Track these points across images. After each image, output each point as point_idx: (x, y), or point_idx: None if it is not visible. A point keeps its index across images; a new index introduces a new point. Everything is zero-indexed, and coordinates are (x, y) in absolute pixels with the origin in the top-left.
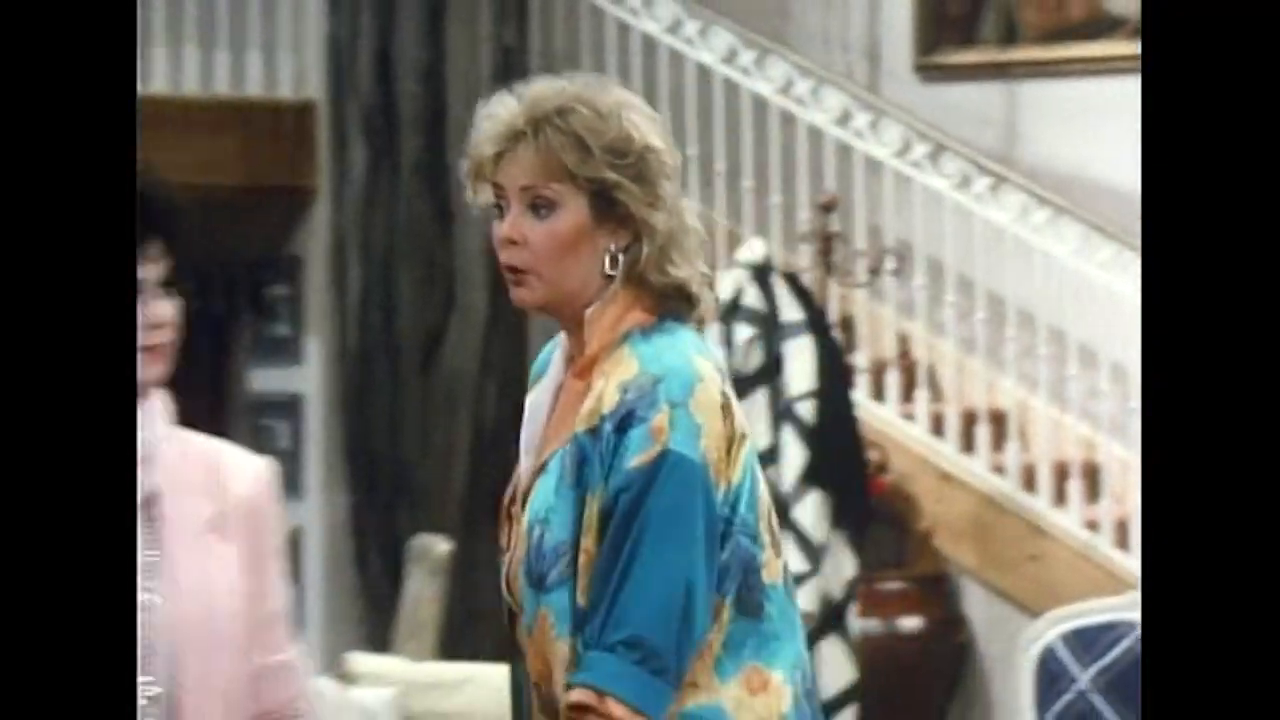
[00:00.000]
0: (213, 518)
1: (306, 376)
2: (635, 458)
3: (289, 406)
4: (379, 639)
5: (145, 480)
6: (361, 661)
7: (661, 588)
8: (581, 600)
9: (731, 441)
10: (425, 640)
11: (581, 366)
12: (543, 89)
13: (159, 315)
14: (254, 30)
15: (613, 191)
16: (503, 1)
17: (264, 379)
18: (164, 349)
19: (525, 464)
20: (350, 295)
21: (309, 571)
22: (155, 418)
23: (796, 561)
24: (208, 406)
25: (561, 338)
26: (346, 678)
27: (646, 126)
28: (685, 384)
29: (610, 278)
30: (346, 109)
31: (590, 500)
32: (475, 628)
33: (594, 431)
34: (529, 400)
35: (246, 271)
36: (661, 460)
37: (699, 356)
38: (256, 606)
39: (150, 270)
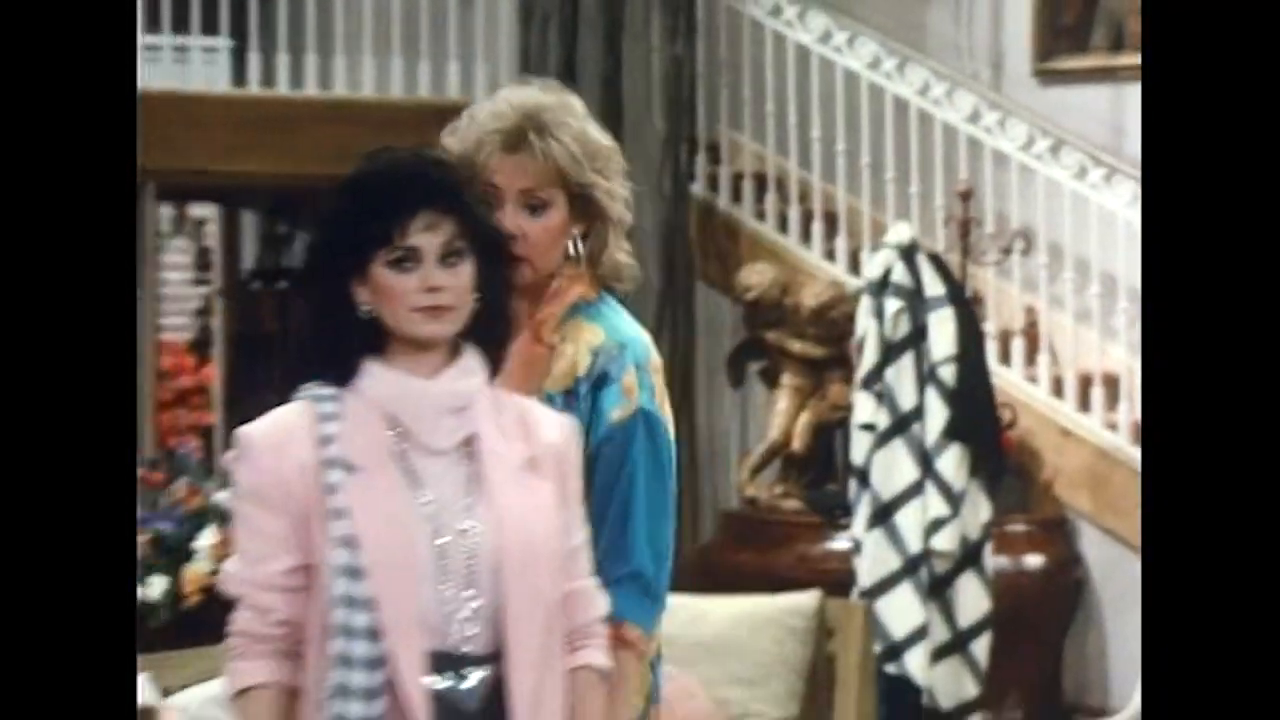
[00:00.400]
0: (528, 459)
1: None
2: (615, 412)
3: None
4: None
5: (463, 424)
6: None
7: (655, 526)
8: None
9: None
10: None
11: (534, 331)
12: (534, 101)
13: (438, 280)
14: (453, 43)
15: (591, 191)
16: (673, 17)
17: None
18: (445, 311)
19: None
20: None
21: None
22: (474, 371)
23: (939, 507)
24: None
25: None
26: None
27: (601, 130)
28: (643, 350)
29: (571, 258)
30: None
31: None
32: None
33: (570, 391)
34: None
35: None
36: (637, 416)
37: (640, 326)
38: (564, 539)
39: (428, 239)
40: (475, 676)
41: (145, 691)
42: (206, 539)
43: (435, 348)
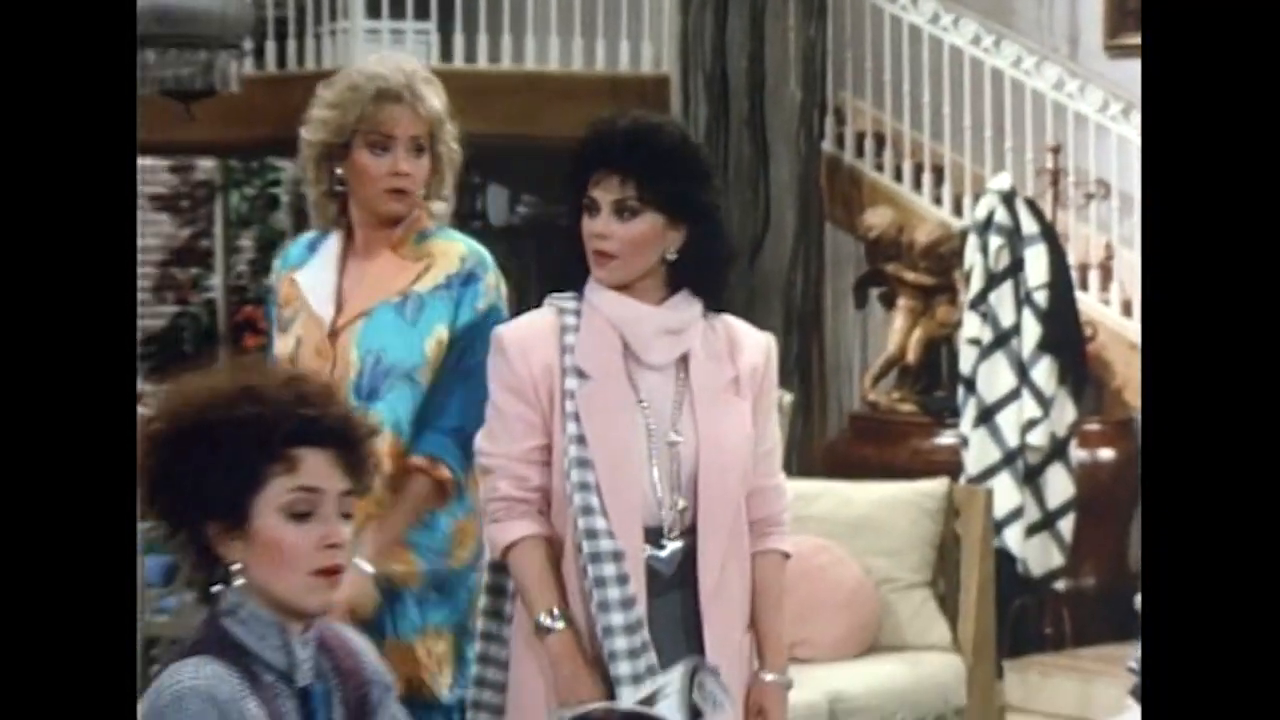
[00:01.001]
0: (731, 379)
1: None
2: (480, 303)
3: None
4: None
5: (678, 344)
6: None
7: (481, 395)
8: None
9: None
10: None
11: (395, 249)
12: (411, 65)
13: (606, 229)
14: (624, 24)
15: (445, 141)
16: (808, 3)
17: None
18: (609, 258)
19: (328, 314)
20: None
21: None
22: (691, 305)
23: (1033, 409)
24: None
25: (336, 236)
26: None
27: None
28: (491, 260)
29: (423, 195)
30: (692, 80)
31: (436, 331)
32: (797, 453)
33: (442, 287)
34: (305, 277)
35: None
36: (497, 307)
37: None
38: (755, 447)
39: (602, 194)
40: (670, 548)
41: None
42: None
43: (642, 282)
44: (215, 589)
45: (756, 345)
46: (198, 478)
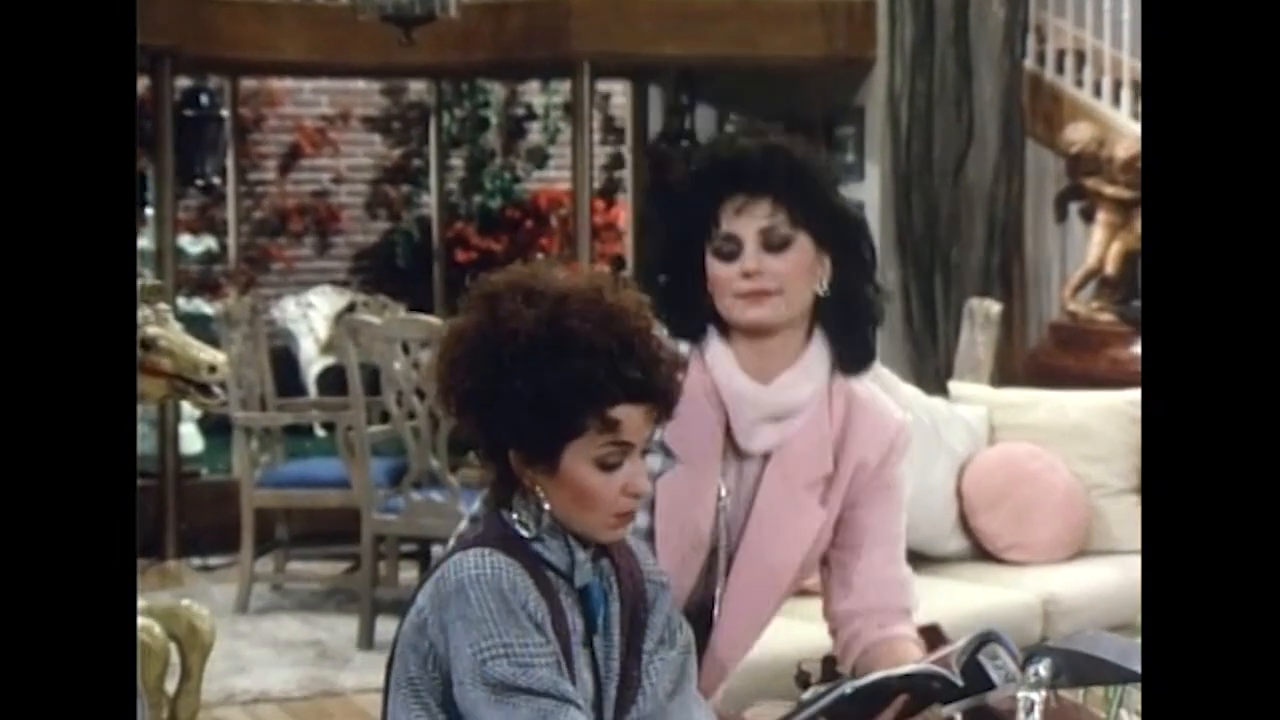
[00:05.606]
0: (820, 478)
1: (867, 189)
2: None
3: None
4: (920, 371)
5: (779, 431)
6: (960, 387)
7: None
8: None
9: None
10: (981, 374)
11: None
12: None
13: (757, 265)
14: None
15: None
16: None
17: None
18: (764, 295)
19: None
20: (900, 131)
21: None
22: (811, 374)
23: None
24: None
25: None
26: (950, 398)
27: None
28: None
29: None
30: (899, 2)
31: None
32: (1004, 367)
33: None
34: None
35: (824, 117)
36: None
37: None
38: (871, 534)
39: (746, 225)
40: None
41: None
42: None
43: (772, 334)
44: (514, 515)
45: (876, 436)
46: (509, 412)
